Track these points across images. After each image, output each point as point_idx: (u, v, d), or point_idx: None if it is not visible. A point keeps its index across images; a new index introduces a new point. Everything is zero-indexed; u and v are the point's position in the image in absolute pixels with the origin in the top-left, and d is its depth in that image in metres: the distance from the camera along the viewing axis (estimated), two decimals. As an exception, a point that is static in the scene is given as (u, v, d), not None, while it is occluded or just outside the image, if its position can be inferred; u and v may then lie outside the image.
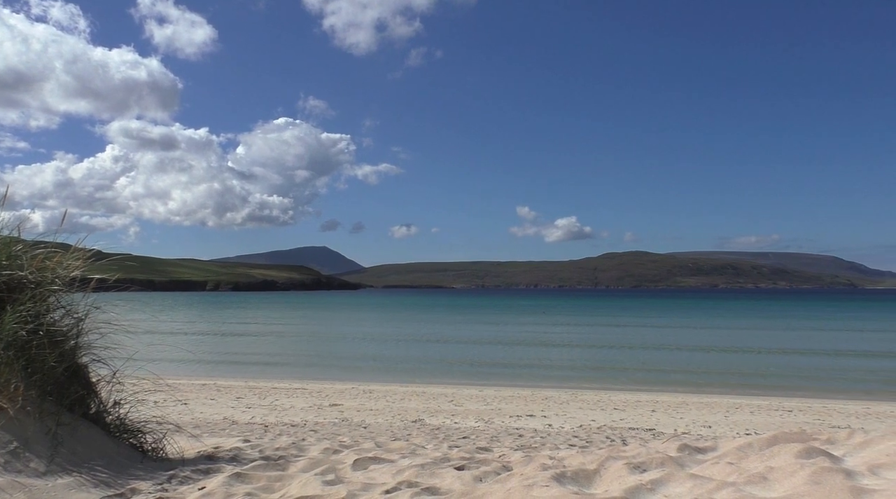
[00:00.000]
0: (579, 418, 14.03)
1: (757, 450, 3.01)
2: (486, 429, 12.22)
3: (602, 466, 2.97)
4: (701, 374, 23.69)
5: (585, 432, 12.04)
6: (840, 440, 3.16)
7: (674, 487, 2.62)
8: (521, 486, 2.70)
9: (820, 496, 2.25)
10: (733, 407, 16.24)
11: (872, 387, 20.51)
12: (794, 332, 45.05)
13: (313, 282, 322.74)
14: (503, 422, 13.45)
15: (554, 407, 15.78)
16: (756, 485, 2.52)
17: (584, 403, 16.65)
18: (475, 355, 30.40)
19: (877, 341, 36.57)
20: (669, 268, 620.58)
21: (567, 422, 13.51)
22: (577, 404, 16.51)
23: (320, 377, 22.27)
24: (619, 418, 14.12)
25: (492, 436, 10.86)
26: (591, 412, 15.02)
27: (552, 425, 13.12)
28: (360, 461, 3.99)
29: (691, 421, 13.95)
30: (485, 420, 13.59)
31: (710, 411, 15.47)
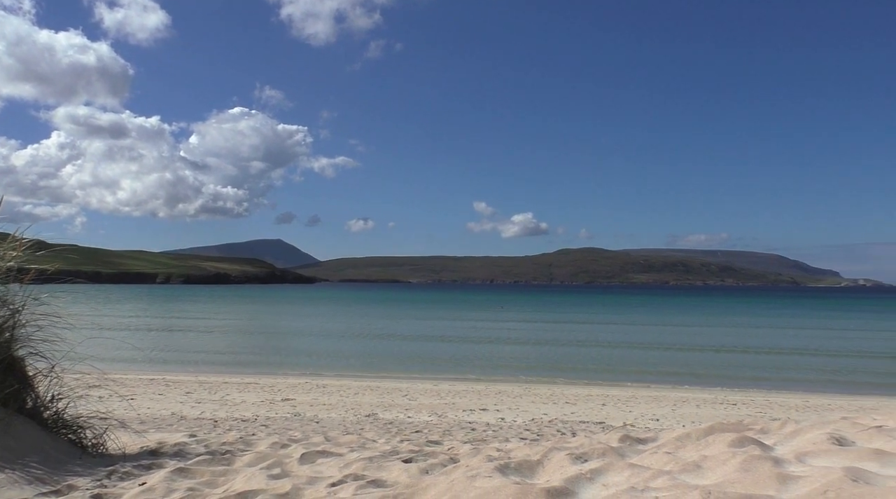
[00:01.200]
0: (531, 412, 14.20)
1: (694, 440, 3.11)
2: (439, 423, 12.27)
3: (545, 457, 3.03)
4: (650, 369, 24.26)
5: (537, 425, 12.20)
6: (773, 430, 3.29)
7: (612, 476, 2.69)
8: (465, 477, 2.73)
9: (748, 483, 2.34)
10: (680, 401, 16.69)
11: (812, 381, 21.33)
12: (739, 329, 46.51)
13: (268, 275, 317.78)
14: (456, 416, 13.52)
15: (507, 401, 15.94)
16: (690, 473, 2.61)
17: (536, 397, 16.86)
18: (430, 350, 30.48)
19: (815, 339, 38.05)
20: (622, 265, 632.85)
21: (519, 416, 13.67)
22: (530, 398, 16.71)
23: (273, 372, 22.00)
24: (571, 412, 14.35)
25: (444, 430, 10.91)
26: (544, 406, 15.23)
27: (505, 418, 13.25)
28: (307, 455, 3.97)
29: (640, 414, 14.27)
30: (438, 414, 13.64)
31: (658, 405, 15.86)
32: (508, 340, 36.43)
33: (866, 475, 2.31)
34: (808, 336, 39.82)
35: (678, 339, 38.06)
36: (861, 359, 28.02)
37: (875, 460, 2.52)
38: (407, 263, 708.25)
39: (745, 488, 2.27)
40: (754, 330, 45.14)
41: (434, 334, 39.31)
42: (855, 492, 2.08)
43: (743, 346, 33.60)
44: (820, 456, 2.66)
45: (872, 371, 24.05)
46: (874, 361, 27.43)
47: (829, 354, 29.39)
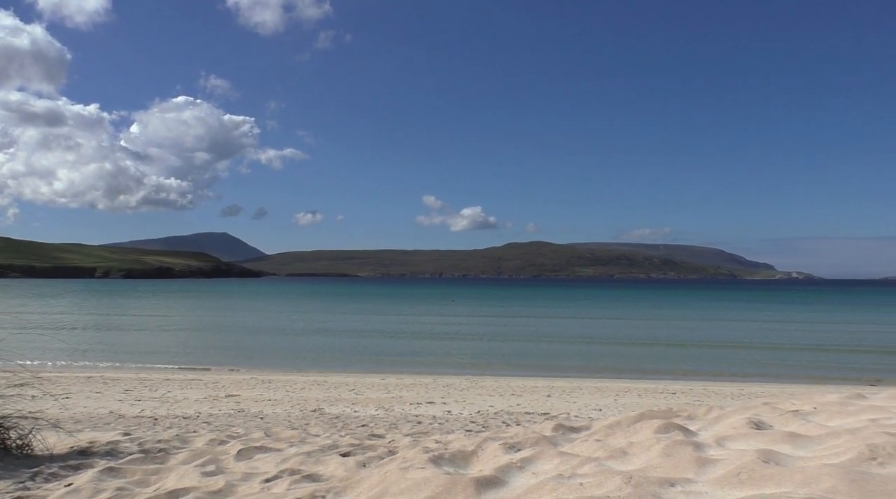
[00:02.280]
0: (478, 405, 14.31)
1: (624, 427, 3.22)
2: (385, 417, 12.25)
3: (480, 447, 3.08)
4: (594, 361, 24.79)
5: (483, 417, 12.31)
6: (699, 416, 3.42)
7: (542, 464, 2.76)
8: (398, 469, 2.75)
9: (669, 467, 2.44)
10: (623, 391, 17.09)
11: (747, 371, 22.18)
12: (680, 322, 47.97)
13: (213, 269, 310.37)
14: (403, 409, 13.53)
15: (454, 394, 16.02)
16: (616, 459, 2.70)
17: (483, 389, 17.01)
18: (378, 344, 30.38)
19: (750, 331, 39.58)
20: (569, 258, 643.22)
21: (466, 408, 13.76)
22: (477, 390, 16.84)
23: (217, 368, 21.55)
24: (516, 404, 14.52)
25: (391, 423, 10.91)
26: (490, 398, 15.37)
27: (451, 411, 13.32)
28: (245, 451, 3.92)
29: (584, 405, 14.55)
30: (385, 408, 13.62)
31: (602, 395, 16.20)
32: (457, 334, 36.63)
33: (778, 457, 2.43)
34: (743, 329, 41.36)
35: (621, 331, 39.01)
36: (792, 350, 29.30)
37: (788, 443, 2.66)
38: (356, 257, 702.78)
39: (665, 472, 2.36)
40: (694, 323, 46.59)
41: (382, 329, 39.19)
42: (765, 472, 2.19)
43: (683, 338, 34.68)
44: (738, 440, 2.79)
45: (801, 361, 25.20)
46: (803, 351, 28.73)
47: (762, 346, 30.63)
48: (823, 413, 3.23)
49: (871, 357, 26.18)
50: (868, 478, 2.14)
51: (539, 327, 41.51)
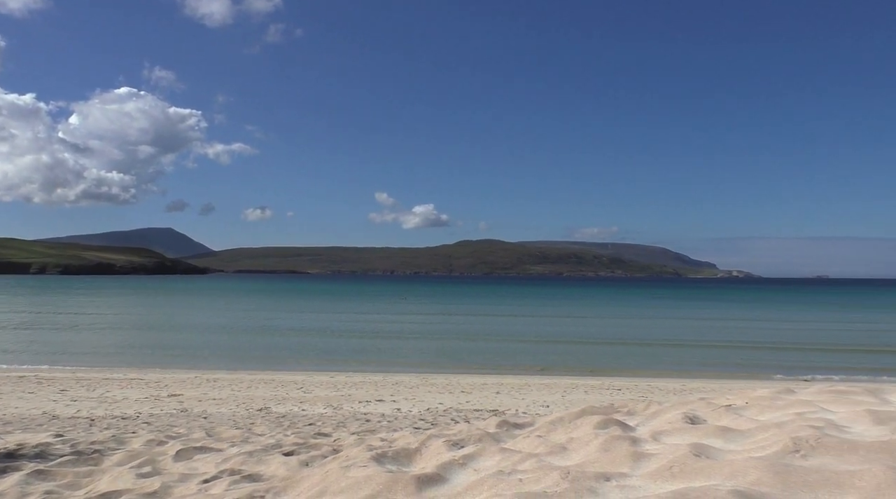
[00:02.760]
0: (427, 402, 14.33)
1: (566, 423, 3.28)
2: (334, 415, 12.15)
3: (423, 444, 3.09)
4: (543, 358, 25.12)
5: (432, 415, 12.34)
6: (638, 412, 3.51)
7: (484, 460, 2.78)
8: (340, 467, 2.74)
9: (606, 461, 2.50)
10: (570, 387, 17.37)
11: (690, 368, 22.85)
12: (627, 320, 49.08)
13: (156, 266, 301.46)
14: (352, 408, 13.44)
15: (404, 391, 16.01)
16: (556, 455, 2.75)
17: (433, 387, 17.04)
18: (328, 342, 30.09)
19: (693, 329, 40.83)
20: (519, 256, 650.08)
21: (415, 406, 13.76)
22: (427, 388, 16.86)
23: (159, 367, 20.97)
24: (466, 401, 14.60)
25: (339, 422, 10.82)
26: (440, 396, 15.41)
27: (400, 409, 13.30)
28: (184, 452, 3.82)
29: (532, 401, 14.73)
30: (334, 406, 13.51)
31: (550, 392, 16.43)
32: (408, 332, 36.58)
33: (709, 450, 2.52)
34: (686, 327, 42.61)
35: (570, 329, 39.67)
36: (732, 347, 30.32)
37: (720, 437, 2.75)
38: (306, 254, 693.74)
39: (602, 467, 2.42)
40: (640, 321, 47.71)
41: (332, 327, 38.83)
42: (696, 466, 2.27)
43: (629, 336, 35.49)
44: (673, 434, 2.88)
45: (740, 358, 26.12)
46: (742, 349, 29.77)
47: (704, 344, 31.61)
48: (754, 408, 3.37)
49: (804, 354, 27.32)
50: (791, 470, 2.25)
51: (489, 325, 41.84)
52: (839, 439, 2.52)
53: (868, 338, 34.37)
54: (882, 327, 41.95)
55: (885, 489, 2.09)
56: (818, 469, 2.28)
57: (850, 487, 2.14)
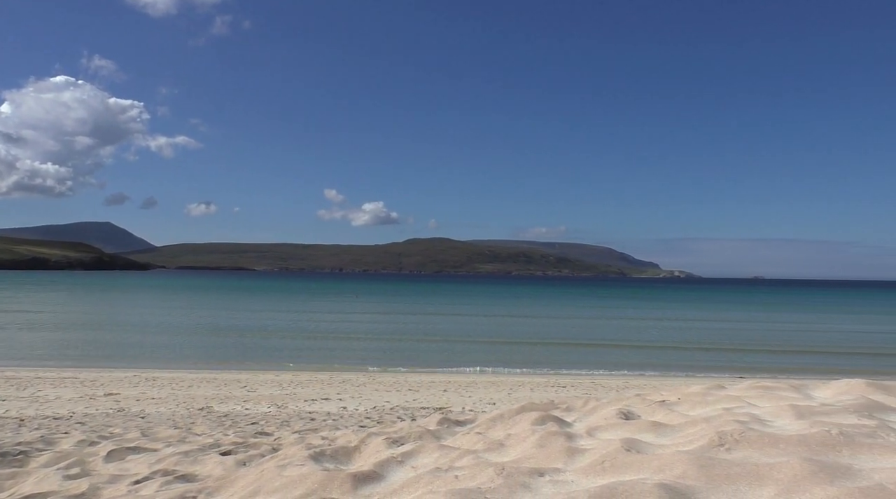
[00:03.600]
0: (374, 400, 14.29)
1: (506, 420, 3.33)
2: (278, 414, 11.99)
3: (363, 442, 3.09)
4: (491, 355, 25.35)
5: (378, 413, 12.31)
6: (576, 408, 3.59)
7: (422, 458, 2.80)
8: (276, 466, 2.71)
9: (541, 457, 2.55)
10: (517, 385, 17.59)
11: (634, 364, 23.43)
12: (573, 319, 49.96)
13: (94, 261, 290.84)
14: (297, 406, 13.30)
15: (350, 390, 15.93)
16: (494, 451, 2.79)
17: (380, 385, 17.00)
18: (273, 341, 29.63)
19: (622, 329, 41.94)
20: (469, 255, 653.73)
21: (362, 404, 13.71)
22: (374, 386, 16.81)
23: (95, 366, 20.25)
24: (413, 399, 14.62)
25: (283, 421, 10.68)
26: (387, 394, 15.39)
27: (347, 407, 13.23)
28: (116, 452, 3.70)
29: (479, 399, 14.86)
30: (278, 405, 13.34)
31: (496, 389, 16.59)
32: (356, 330, 36.33)
33: (640, 445, 2.60)
34: (629, 326, 43.70)
35: (518, 328, 40.15)
36: (674, 347, 31.29)
37: (652, 432, 2.84)
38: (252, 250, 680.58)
39: (537, 463, 2.47)
40: (585, 321, 48.59)
41: (277, 325, 38.24)
42: (626, 460, 2.34)
43: (574, 335, 36.15)
44: (607, 430, 2.96)
45: (681, 356, 27.01)
46: (683, 348, 30.75)
47: (647, 343, 32.52)
48: (686, 403, 3.49)
49: (741, 353, 28.38)
50: (714, 463, 2.35)
51: (439, 324, 41.94)
52: (761, 432, 2.64)
53: (799, 338, 35.95)
54: (814, 327, 43.93)
55: (801, 481, 2.21)
56: (740, 462, 2.39)
57: (769, 479, 2.25)
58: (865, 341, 33.86)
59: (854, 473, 2.24)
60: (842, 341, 33.73)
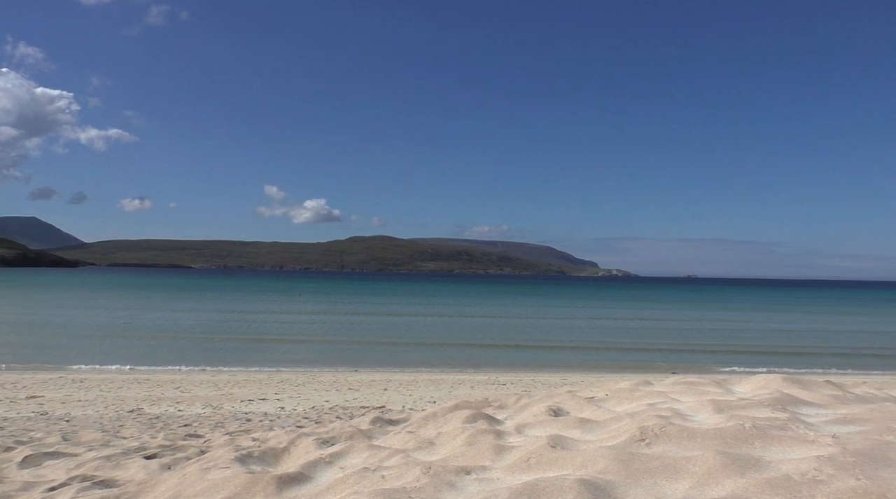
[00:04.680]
0: (313, 400, 14.15)
1: (439, 418, 3.35)
2: (212, 415, 11.71)
3: (293, 443, 3.05)
4: (432, 353, 25.43)
5: (317, 412, 12.18)
6: (509, 405, 3.65)
7: (351, 458, 2.79)
8: (199, 470, 2.65)
9: (470, 455, 2.58)
10: (457, 383, 17.70)
11: (573, 362, 23.91)
12: (513, 319, 50.60)
13: (18, 257, 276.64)
14: (233, 407, 13.03)
15: (289, 390, 15.72)
16: (423, 450, 2.81)
17: (320, 384, 16.83)
18: (208, 340, 28.87)
19: (573, 329, 42.81)
20: (412, 253, 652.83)
21: (300, 404, 13.55)
22: (314, 385, 16.63)
23: (17, 368, 19.30)
24: (353, 398, 14.53)
25: (217, 422, 10.44)
26: (326, 393, 15.26)
27: (284, 407, 13.05)
28: (32, 458, 3.54)
29: (419, 397, 14.89)
30: (213, 406, 13.04)
31: (437, 388, 16.66)
32: (296, 329, 35.80)
33: (565, 441, 2.66)
34: (568, 326, 44.61)
35: (460, 327, 40.37)
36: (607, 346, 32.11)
37: (579, 428, 2.92)
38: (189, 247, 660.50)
39: (465, 461, 2.50)
40: (525, 321, 49.29)
41: (212, 324, 37.29)
42: (551, 457, 2.39)
43: (517, 334, 36.64)
44: (536, 427, 3.01)
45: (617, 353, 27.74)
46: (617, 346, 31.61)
47: (584, 342, 33.25)
48: (614, 399, 3.59)
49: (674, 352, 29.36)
50: (635, 457, 2.43)
51: (381, 322, 41.75)
52: (681, 427, 2.75)
53: (728, 336, 37.48)
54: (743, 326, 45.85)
55: (714, 473, 2.31)
56: (659, 456, 2.48)
57: (685, 472, 2.35)
58: (787, 339, 35.60)
59: (764, 464, 2.37)
60: (767, 338, 35.37)
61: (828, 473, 2.22)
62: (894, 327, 44.75)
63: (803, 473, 2.23)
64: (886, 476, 2.26)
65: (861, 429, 2.93)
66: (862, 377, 17.59)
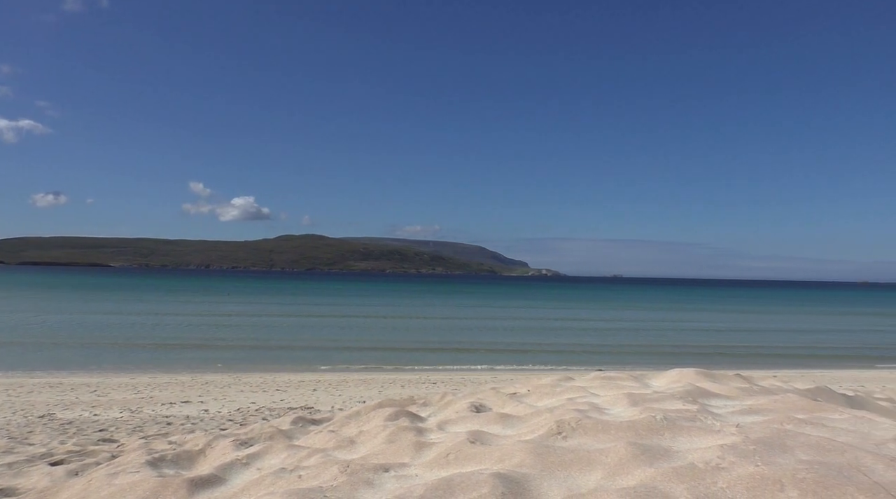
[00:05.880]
0: (239, 402, 13.81)
1: (361, 416, 3.33)
2: (130, 419, 11.25)
3: (209, 445, 2.97)
4: (363, 353, 25.23)
5: (242, 415, 11.90)
6: (433, 403, 3.67)
7: (269, 458, 2.75)
8: (105, 475, 2.54)
9: (390, 452, 2.59)
10: (388, 382, 17.64)
11: (503, 362, 24.23)
12: (444, 320, 50.85)
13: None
14: (153, 410, 12.55)
15: (213, 392, 15.29)
16: (344, 449, 2.79)
17: (246, 385, 16.44)
18: (129, 342, 27.70)
19: (508, 330, 43.42)
20: (343, 252, 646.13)
21: (225, 406, 13.20)
22: (240, 387, 16.24)
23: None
24: (280, 399, 14.27)
25: (135, 426, 10.04)
26: (253, 395, 14.92)
27: (208, 410, 12.67)
28: (-77, 470, 3.29)
29: (348, 397, 14.75)
30: (132, 410, 12.51)
31: (367, 387, 16.55)
32: (222, 329, 34.80)
33: (485, 437, 2.71)
34: (496, 327, 45.20)
35: (392, 326, 40.25)
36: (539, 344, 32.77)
37: (499, 423, 2.97)
38: (108, 245, 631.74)
39: (384, 459, 2.50)
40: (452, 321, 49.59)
41: (132, 324, 35.81)
42: (470, 452, 2.43)
43: (447, 334, 36.84)
44: (458, 423, 3.05)
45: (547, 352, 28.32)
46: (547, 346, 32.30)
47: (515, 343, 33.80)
48: (535, 394, 3.68)
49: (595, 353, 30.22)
50: (550, 450, 2.50)
51: (311, 322, 41.13)
52: (597, 420, 2.84)
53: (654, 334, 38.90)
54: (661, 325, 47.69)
55: (625, 464, 2.41)
56: (574, 449, 2.56)
57: (598, 463, 2.43)
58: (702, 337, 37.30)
59: (672, 454, 2.48)
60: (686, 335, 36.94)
61: (730, 460, 2.35)
62: (803, 326, 47.56)
63: (707, 461, 2.35)
64: (782, 462, 2.41)
65: (763, 418, 3.11)
66: (773, 372, 18.66)
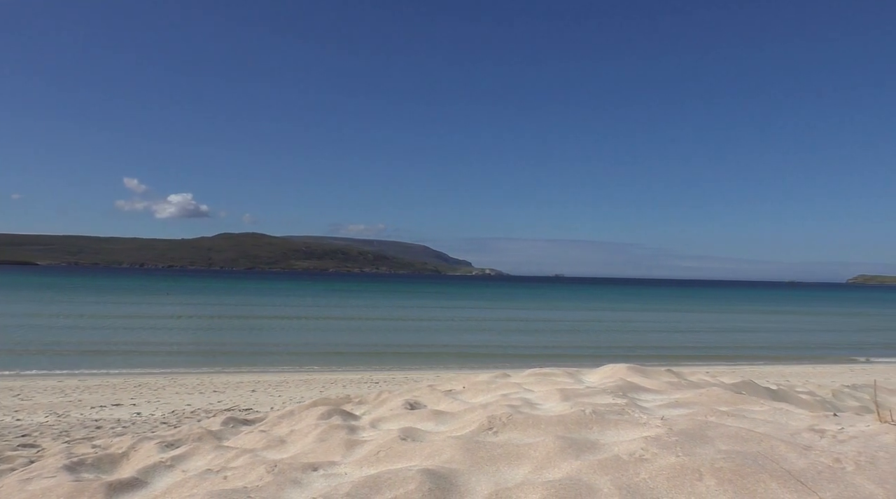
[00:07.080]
0: (174, 404, 13.45)
1: (294, 416, 3.30)
2: (56, 424, 10.78)
3: (133, 448, 2.89)
4: (304, 353, 24.91)
5: (176, 417, 11.58)
6: (369, 401, 3.67)
7: (196, 460, 2.69)
8: (18, 481, 2.44)
9: (321, 451, 2.57)
10: (329, 382, 17.48)
11: (444, 361, 24.32)
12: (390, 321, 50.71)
13: None
14: (82, 414, 12.08)
15: (147, 394, 14.85)
16: (274, 449, 2.76)
17: (182, 387, 16.04)
18: (54, 344, 26.53)
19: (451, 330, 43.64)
20: (284, 251, 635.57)
21: (159, 408, 12.82)
22: (175, 388, 15.83)
23: None
24: (217, 401, 13.96)
25: (61, 431, 9.63)
26: (188, 397, 14.56)
27: (141, 412, 12.28)
28: None
29: (288, 398, 14.55)
30: (58, 414, 12.01)
31: (308, 388, 16.36)
32: (157, 329, 33.74)
33: (417, 433, 2.72)
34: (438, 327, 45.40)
35: (330, 326, 39.87)
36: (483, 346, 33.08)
37: (432, 420, 2.99)
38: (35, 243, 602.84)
39: (315, 457, 2.48)
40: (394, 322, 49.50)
41: (57, 325, 34.33)
42: (401, 449, 2.44)
43: (386, 333, 36.75)
44: (391, 421, 3.05)
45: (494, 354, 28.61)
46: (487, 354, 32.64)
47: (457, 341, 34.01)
48: (470, 391, 3.72)
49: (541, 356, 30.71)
50: (480, 445, 2.54)
51: (249, 322, 40.32)
52: (527, 415, 2.90)
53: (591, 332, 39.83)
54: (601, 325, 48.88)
55: (552, 457, 2.46)
56: (503, 444, 2.60)
57: (526, 457, 2.48)
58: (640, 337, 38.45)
59: (598, 447, 2.55)
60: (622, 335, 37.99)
61: (653, 452, 2.43)
62: (733, 324, 49.54)
63: (631, 453, 2.43)
64: (702, 452, 2.51)
65: (688, 411, 3.24)
66: (705, 368, 19.37)
